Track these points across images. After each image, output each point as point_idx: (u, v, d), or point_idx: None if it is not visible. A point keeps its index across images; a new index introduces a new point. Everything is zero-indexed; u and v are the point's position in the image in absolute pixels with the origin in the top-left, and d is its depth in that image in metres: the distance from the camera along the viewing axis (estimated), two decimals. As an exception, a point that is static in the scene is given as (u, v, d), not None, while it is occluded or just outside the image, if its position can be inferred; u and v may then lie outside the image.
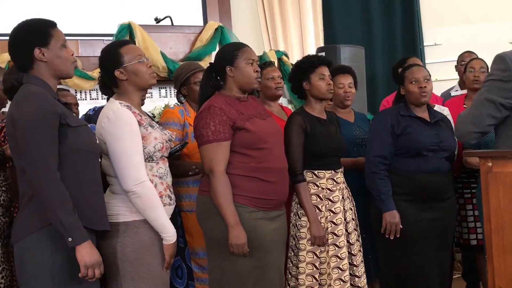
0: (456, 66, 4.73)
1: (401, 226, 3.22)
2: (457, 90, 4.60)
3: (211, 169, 2.73)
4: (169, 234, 2.57)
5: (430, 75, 3.45)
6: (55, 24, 2.39)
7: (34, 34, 2.32)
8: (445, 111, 3.81)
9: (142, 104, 3.51)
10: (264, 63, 3.96)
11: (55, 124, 2.23)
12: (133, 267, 2.50)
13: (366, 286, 3.27)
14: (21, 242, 2.26)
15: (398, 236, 3.23)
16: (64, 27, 2.42)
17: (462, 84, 4.50)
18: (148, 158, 2.58)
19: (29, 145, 2.18)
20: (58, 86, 2.60)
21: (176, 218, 3.31)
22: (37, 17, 2.40)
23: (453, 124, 3.56)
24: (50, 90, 2.33)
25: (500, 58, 2.59)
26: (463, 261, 4.42)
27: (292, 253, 3.19)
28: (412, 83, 3.35)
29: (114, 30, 5.00)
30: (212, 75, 2.91)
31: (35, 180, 2.18)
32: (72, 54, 2.41)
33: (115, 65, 2.61)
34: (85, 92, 4.92)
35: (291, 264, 3.19)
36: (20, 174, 2.28)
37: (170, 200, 2.67)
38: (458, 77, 4.76)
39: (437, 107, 3.79)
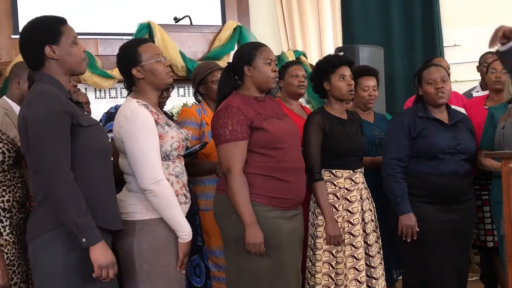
0: (478, 67, 4.69)
1: (418, 229, 3.20)
2: (478, 91, 4.57)
3: (228, 169, 2.74)
4: (185, 232, 2.58)
5: (448, 75, 3.41)
6: (65, 20, 2.37)
7: (44, 31, 2.30)
8: (461, 111, 3.77)
9: (164, 103, 3.53)
10: (290, 61, 3.98)
11: (67, 124, 2.22)
12: (149, 265, 2.51)
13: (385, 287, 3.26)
14: (36, 241, 2.27)
15: (414, 238, 3.21)
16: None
17: (483, 85, 4.47)
18: (165, 157, 2.59)
19: (41, 145, 2.17)
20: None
21: (194, 216, 3.33)
22: (48, 15, 2.38)
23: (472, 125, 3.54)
24: (61, 88, 2.31)
25: None
26: (481, 263, 4.39)
27: (311, 252, 3.18)
28: (429, 83, 3.33)
29: (133, 30, 5.02)
30: (230, 74, 2.91)
31: (48, 181, 2.17)
32: (84, 51, 2.39)
33: (132, 63, 2.61)
34: (104, 90, 4.94)
35: (310, 263, 3.18)
36: (33, 173, 2.27)
37: (186, 198, 2.67)
38: (478, 77, 4.72)
39: (453, 108, 3.76)
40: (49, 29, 2.30)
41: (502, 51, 2.63)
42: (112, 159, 2.48)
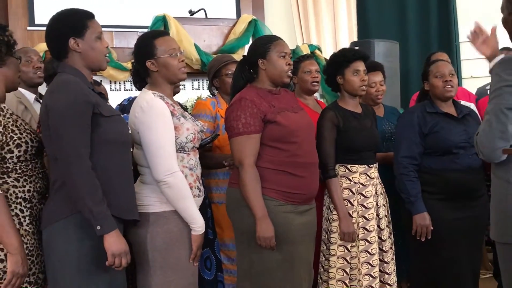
0: (493, 63, 4.64)
1: (432, 228, 3.19)
2: (493, 87, 4.51)
3: (240, 162, 2.74)
4: (198, 224, 2.59)
5: (455, 71, 3.38)
6: (92, 15, 2.41)
7: (71, 24, 2.35)
8: (470, 106, 3.75)
9: (177, 93, 3.55)
10: (302, 56, 3.95)
11: (88, 113, 2.25)
12: (162, 257, 2.53)
13: (396, 283, 3.25)
14: (50, 228, 2.30)
15: (429, 238, 3.20)
16: (99, 18, 2.44)
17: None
18: (180, 149, 2.60)
19: (62, 133, 2.21)
20: (98, 79, 2.62)
21: (206, 209, 3.34)
22: (76, 8, 2.43)
23: (480, 118, 3.51)
24: (84, 79, 2.36)
25: (509, 61, 2.33)
26: (494, 260, 4.36)
27: (324, 247, 3.18)
28: (437, 77, 3.30)
29: (149, 22, 5.03)
30: (245, 67, 2.91)
31: (66, 168, 2.21)
32: (107, 47, 2.43)
33: (147, 55, 2.62)
34: (119, 83, 4.97)
35: (323, 258, 3.18)
36: (53, 161, 2.31)
37: (200, 191, 2.68)
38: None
39: (463, 103, 3.73)
40: (76, 22, 2.35)
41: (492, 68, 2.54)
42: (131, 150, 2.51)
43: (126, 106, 3.61)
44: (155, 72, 2.63)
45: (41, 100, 3.57)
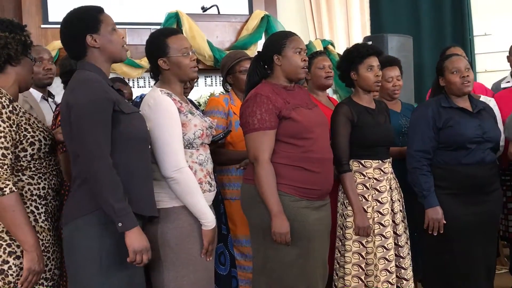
0: (508, 57, 4.61)
1: (445, 222, 3.17)
2: (508, 81, 4.48)
3: (255, 157, 2.74)
4: (208, 220, 2.59)
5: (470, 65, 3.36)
6: (102, 9, 2.42)
7: (84, 21, 2.35)
8: (491, 102, 3.72)
9: (189, 92, 3.55)
10: (315, 52, 3.93)
11: (109, 111, 2.26)
12: (174, 253, 2.53)
13: (412, 278, 3.24)
14: (71, 225, 2.30)
15: (441, 232, 3.18)
16: (112, 15, 2.45)
17: (514, 75, 4.39)
18: (188, 145, 2.60)
19: (83, 130, 2.22)
20: (113, 76, 2.62)
21: (219, 205, 3.34)
22: (85, 5, 2.43)
23: (497, 114, 3.48)
24: (104, 76, 2.37)
25: None
26: (510, 255, 4.34)
27: (340, 243, 3.18)
28: (453, 73, 3.26)
29: (161, 19, 5.04)
30: (259, 63, 2.91)
31: (88, 165, 2.22)
32: (123, 37, 2.44)
33: (159, 53, 2.62)
34: (132, 80, 4.99)
35: (338, 254, 3.18)
36: (74, 158, 2.32)
37: (211, 186, 2.68)
38: (508, 68, 4.64)
39: (483, 98, 3.71)
40: (89, 18, 2.36)
41: None
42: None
43: (138, 103, 3.61)
44: (166, 70, 2.64)
45: (48, 99, 3.60)
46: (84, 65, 2.37)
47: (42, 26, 5.37)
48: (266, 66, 2.90)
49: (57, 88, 3.85)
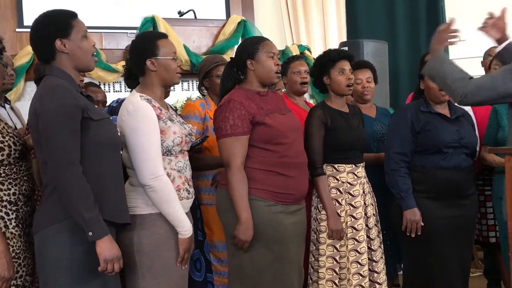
0: (482, 62, 4.68)
1: (422, 224, 3.20)
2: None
3: (228, 163, 2.75)
4: (185, 228, 2.57)
5: None
6: (76, 14, 2.38)
7: (55, 25, 2.31)
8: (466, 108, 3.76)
9: (167, 96, 3.53)
10: (293, 56, 3.94)
11: (78, 118, 2.23)
12: (150, 259, 2.51)
13: (386, 282, 3.26)
14: (42, 233, 2.28)
15: (419, 233, 3.21)
16: (88, 20, 2.44)
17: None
18: (167, 152, 2.58)
19: (51, 138, 2.19)
20: (88, 81, 2.60)
21: (195, 211, 3.33)
22: (59, 9, 2.40)
23: (474, 120, 3.53)
24: (72, 82, 2.33)
25: None
26: (484, 258, 4.39)
27: (314, 247, 3.19)
28: None
29: (138, 23, 5.02)
30: (233, 69, 2.92)
31: (57, 174, 2.19)
32: (94, 45, 2.40)
33: (148, 54, 2.60)
34: (108, 84, 4.95)
35: (313, 258, 3.19)
36: (43, 166, 2.29)
37: (189, 194, 2.66)
38: (482, 73, 4.71)
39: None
40: (60, 22, 2.32)
41: (499, 51, 2.64)
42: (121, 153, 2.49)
43: (115, 107, 3.59)
44: (152, 71, 2.62)
45: (5, 106, 3.52)
46: (52, 70, 2.33)
47: (17, 30, 5.34)
48: (239, 72, 2.90)
49: (32, 92, 3.81)
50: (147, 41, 2.65)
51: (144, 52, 2.62)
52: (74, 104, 2.23)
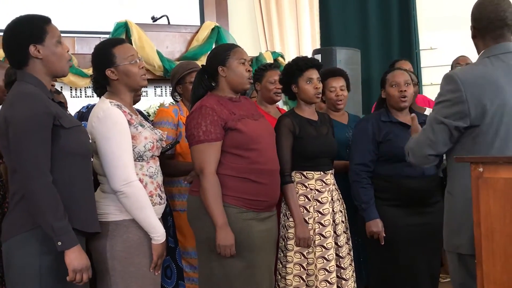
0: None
1: (385, 235, 3.22)
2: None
3: (201, 170, 2.74)
4: (158, 234, 2.57)
5: (416, 80, 3.41)
6: (49, 20, 2.35)
7: (29, 30, 2.28)
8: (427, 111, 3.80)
9: (138, 101, 3.52)
10: (269, 64, 3.93)
11: (49, 126, 2.21)
12: (123, 266, 2.50)
13: (354, 288, 3.28)
14: (10, 242, 2.25)
15: (382, 244, 3.23)
16: (60, 24, 2.41)
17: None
18: (138, 158, 2.58)
19: (21, 146, 2.16)
20: (59, 85, 2.56)
21: (166, 217, 3.32)
22: (32, 13, 2.37)
23: None
24: (44, 89, 2.29)
25: (449, 78, 2.39)
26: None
27: (281, 254, 3.19)
28: (392, 86, 3.33)
29: (110, 28, 4.98)
30: (204, 76, 2.92)
31: (26, 182, 2.16)
32: (68, 51, 2.38)
33: (106, 64, 2.60)
34: (80, 89, 4.90)
35: (280, 265, 3.19)
36: (11, 173, 2.26)
37: (161, 199, 2.66)
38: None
39: (428, 111, 3.78)
40: (34, 28, 2.29)
41: None
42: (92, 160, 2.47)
43: (84, 113, 3.56)
44: (115, 80, 2.61)
45: None
46: (23, 76, 2.30)
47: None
48: (211, 79, 2.90)
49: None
50: (102, 51, 2.64)
51: (102, 63, 2.62)
52: (45, 112, 2.20)
